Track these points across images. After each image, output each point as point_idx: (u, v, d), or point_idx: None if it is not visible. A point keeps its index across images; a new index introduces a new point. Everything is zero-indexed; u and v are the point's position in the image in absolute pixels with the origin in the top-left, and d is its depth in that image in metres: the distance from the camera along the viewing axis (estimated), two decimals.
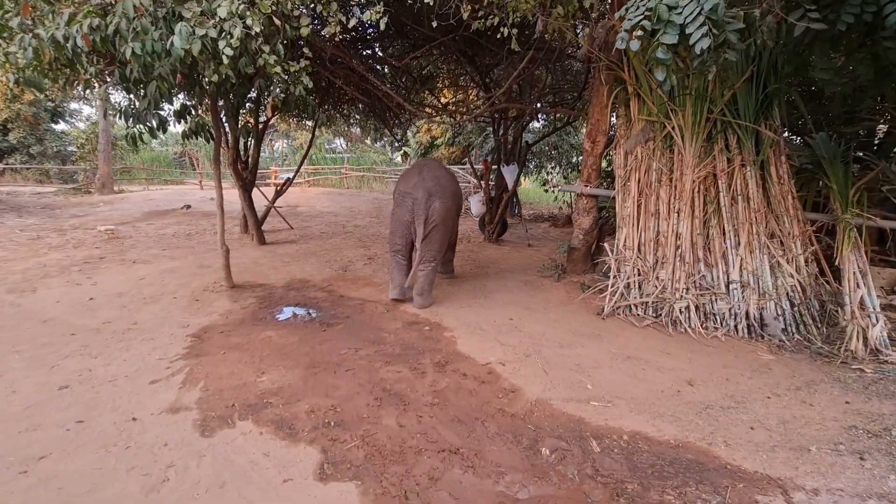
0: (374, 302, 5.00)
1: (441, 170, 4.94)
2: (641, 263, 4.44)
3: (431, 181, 4.54)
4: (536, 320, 4.36)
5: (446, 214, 4.53)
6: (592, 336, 3.97)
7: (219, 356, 3.51)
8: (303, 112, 8.47)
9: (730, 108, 4.46)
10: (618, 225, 4.72)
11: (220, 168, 5.02)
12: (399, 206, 4.63)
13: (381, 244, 8.28)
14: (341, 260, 6.98)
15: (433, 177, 4.60)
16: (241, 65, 3.59)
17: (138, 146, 4.35)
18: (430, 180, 4.53)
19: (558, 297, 5.01)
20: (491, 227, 8.79)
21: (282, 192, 9.37)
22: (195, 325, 4.15)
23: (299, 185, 19.17)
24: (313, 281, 5.81)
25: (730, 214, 4.28)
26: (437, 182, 4.57)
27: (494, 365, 3.46)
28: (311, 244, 8.24)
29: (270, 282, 5.72)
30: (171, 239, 8.39)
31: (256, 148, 8.30)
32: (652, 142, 4.65)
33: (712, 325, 4.10)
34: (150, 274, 5.80)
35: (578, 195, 5.16)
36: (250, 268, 6.35)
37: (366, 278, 5.96)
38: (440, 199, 4.46)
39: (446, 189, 4.61)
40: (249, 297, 5.04)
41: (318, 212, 12.74)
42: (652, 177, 4.58)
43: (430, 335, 4.05)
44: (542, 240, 9.49)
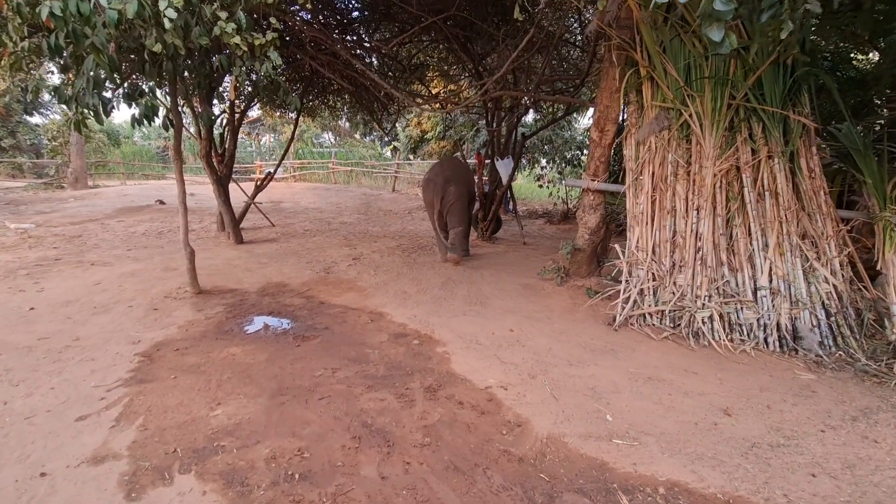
0: (357, 310, 4.45)
1: (457, 163, 6.62)
2: (656, 267, 3.94)
3: (449, 171, 6.11)
4: (540, 332, 3.84)
5: (460, 195, 5.99)
6: (605, 351, 3.46)
7: (168, 382, 2.93)
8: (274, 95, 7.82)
9: (754, 94, 3.97)
10: (629, 224, 4.21)
11: (180, 159, 4.42)
12: (426, 191, 6.24)
13: (368, 243, 7.71)
14: (324, 260, 6.40)
15: (450, 168, 6.21)
16: (193, 35, 3.00)
17: (82, 132, 3.74)
18: (448, 170, 6.11)
19: (562, 303, 4.49)
20: (484, 225, 8.26)
21: (262, 187, 8.74)
22: (147, 341, 3.56)
23: (284, 180, 18.47)
24: (291, 285, 5.24)
25: (756, 212, 3.79)
26: (453, 171, 6.13)
27: (495, 389, 2.93)
28: (292, 243, 7.64)
29: (243, 286, 5.13)
30: (139, 238, 7.74)
31: (233, 139, 7.66)
32: (667, 131, 4.13)
33: (738, 336, 3.61)
34: (107, 278, 5.17)
35: (584, 191, 4.64)
36: (222, 270, 5.75)
37: (349, 282, 5.39)
38: (454, 184, 5.97)
39: (460, 177, 6.15)
40: (217, 305, 4.46)
41: (302, 208, 12.10)
42: (667, 170, 4.07)
43: (420, 351, 3.51)
44: (537, 237, 8.98)
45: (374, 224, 10.04)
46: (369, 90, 9.50)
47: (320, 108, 10.95)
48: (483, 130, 16.54)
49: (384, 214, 11.53)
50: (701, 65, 4.13)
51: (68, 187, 14.72)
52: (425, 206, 6.19)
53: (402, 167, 17.45)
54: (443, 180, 5.95)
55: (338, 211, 11.80)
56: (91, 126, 13.30)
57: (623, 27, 4.14)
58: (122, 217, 9.87)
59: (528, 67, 7.48)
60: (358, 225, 9.84)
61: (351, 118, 20.13)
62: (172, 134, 4.32)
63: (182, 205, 4.60)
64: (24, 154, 19.91)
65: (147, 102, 3.41)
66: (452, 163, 6.50)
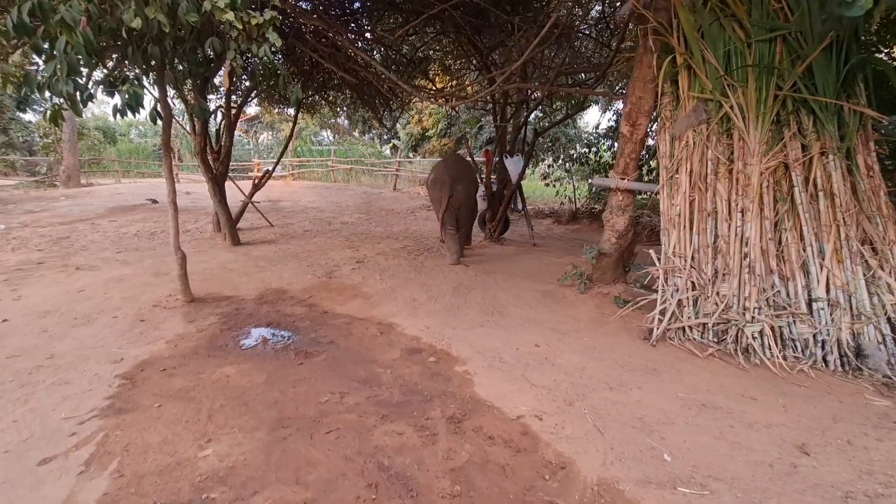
0: (364, 320, 4.05)
1: (463, 161, 6.48)
2: (697, 275, 3.55)
3: (455, 169, 6.01)
4: (570, 347, 3.44)
5: (469, 194, 6.02)
6: (647, 371, 3.07)
7: (151, 412, 2.53)
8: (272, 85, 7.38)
9: (804, 83, 3.57)
10: (663, 227, 3.82)
11: (169, 155, 4.01)
12: (433, 190, 6.11)
13: (371, 245, 7.30)
14: (326, 264, 5.99)
15: (456, 166, 6.11)
16: (180, 11, 2.59)
17: (59, 125, 3.32)
18: (454, 169, 6.00)
19: (588, 313, 4.10)
20: (493, 225, 7.86)
21: (260, 185, 8.33)
22: (131, 360, 3.15)
23: (283, 179, 18.04)
24: (291, 291, 4.83)
25: (808, 215, 3.40)
26: (460, 170, 6.05)
27: (529, 419, 2.53)
28: (291, 244, 7.23)
29: (240, 293, 4.72)
30: (130, 239, 7.31)
31: (229, 135, 7.24)
32: (706, 124, 3.74)
33: (792, 353, 3.22)
34: (92, 284, 4.76)
35: (612, 191, 4.23)
36: (218, 274, 5.34)
37: (354, 287, 4.99)
38: (462, 183, 5.91)
39: (467, 175, 6.12)
40: (210, 315, 4.05)
41: (301, 207, 11.68)
42: (707, 168, 3.68)
43: (437, 370, 3.10)
44: (546, 238, 8.59)
45: (377, 224, 9.63)
46: (371, 85, 9.11)
47: (320, 104, 10.55)
48: (486, 127, 16.15)
49: (386, 214, 11.13)
50: (743, 52, 3.73)
51: (61, 185, 14.26)
52: (432, 204, 6.13)
53: (404, 165, 17.03)
54: (450, 179, 5.84)
55: (338, 210, 11.39)
56: (83, 123, 12.87)
57: (659, 9, 3.74)
58: (114, 217, 9.43)
59: (540, 60, 7.08)
60: (359, 225, 9.44)
61: (351, 115, 19.75)
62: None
63: (172, 204, 4.19)
64: (17, 151, 19.39)
65: (128, 90, 2.99)
66: (458, 161, 6.37)
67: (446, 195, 5.81)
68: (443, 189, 5.85)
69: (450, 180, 5.84)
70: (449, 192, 5.79)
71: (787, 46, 3.66)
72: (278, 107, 9.80)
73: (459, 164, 6.23)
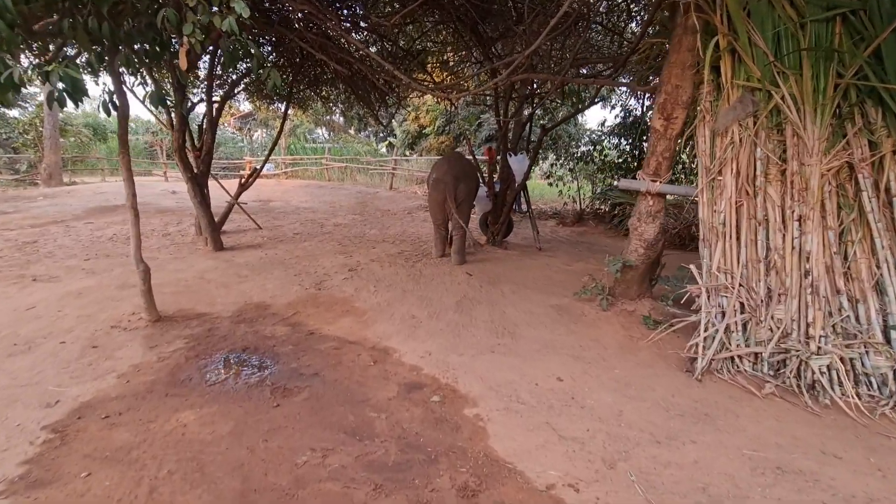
0: (355, 343, 3.47)
1: (464, 160, 6.23)
2: (746, 294, 2.99)
3: (457, 169, 5.79)
4: (599, 381, 2.88)
5: (469, 193, 5.83)
6: (698, 417, 2.51)
7: (76, 485, 1.94)
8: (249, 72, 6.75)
9: (871, 70, 3.02)
10: (702, 237, 3.26)
11: (127, 152, 3.40)
12: (434, 190, 5.82)
13: (365, 249, 6.72)
14: (315, 272, 5.41)
15: (458, 165, 5.88)
16: None
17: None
18: (456, 168, 5.79)
19: (614, 336, 3.54)
20: (495, 228, 7.30)
21: (247, 185, 7.71)
22: (69, 402, 2.57)
23: (276, 178, 17.39)
24: (275, 306, 4.25)
25: (881, 224, 2.86)
26: (462, 169, 5.84)
27: (562, 490, 1.97)
28: (279, 249, 6.63)
29: (215, 309, 4.14)
30: (103, 244, 6.68)
31: (211, 131, 6.64)
32: (753, 118, 3.19)
33: (866, 391, 2.68)
34: (46, 299, 4.15)
35: (642, 194, 3.67)
36: (192, 286, 4.74)
37: (345, 301, 4.41)
38: (464, 182, 5.73)
39: (468, 174, 5.92)
40: (176, 339, 3.46)
41: (293, 207, 11.06)
42: (755, 168, 3.13)
43: (442, 413, 2.54)
44: (551, 241, 8.04)
45: (372, 226, 9.04)
46: (367, 79, 8.51)
47: (312, 98, 9.94)
48: (485, 125, 15.57)
49: (381, 215, 10.53)
50: (795, 33, 3.18)
51: (42, 184, 13.57)
52: (429, 204, 6.00)
53: (400, 164, 16.42)
54: (452, 178, 5.66)
55: (331, 211, 10.78)
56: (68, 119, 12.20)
57: None
58: (91, 218, 8.78)
59: (548, 51, 6.51)
60: (353, 227, 8.84)
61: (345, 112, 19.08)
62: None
63: (132, 210, 3.59)
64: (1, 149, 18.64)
65: (60, 72, 2.39)
66: (459, 160, 6.13)
67: (451, 195, 5.63)
68: (447, 190, 5.66)
69: (452, 180, 5.66)
70: (453, 192, 5.62)
71: (847, 27, 3.12)
72: (266, 101, 9.18)
73: (462, 164, 6.02)
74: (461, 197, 5.72)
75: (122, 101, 3.24)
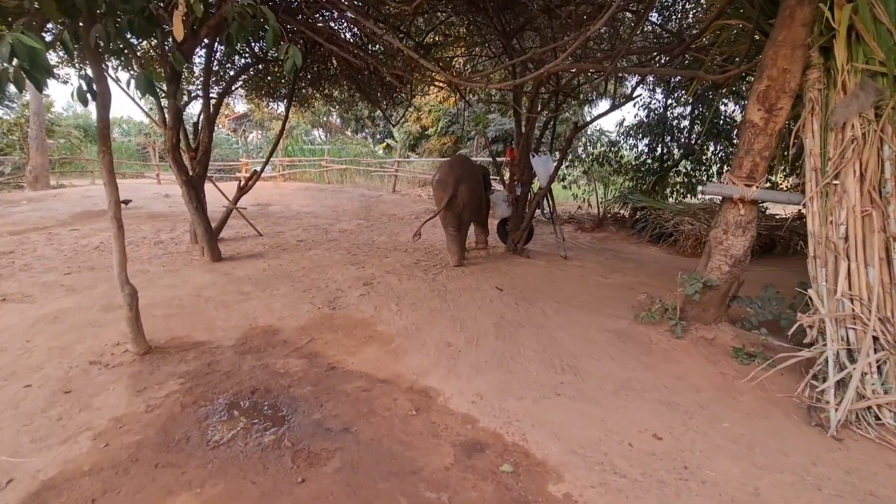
0: (387, 382, 2.85)
1: (467, 162, 6.12)
2: (882, 327, 2.40)
3: (459, 170, 5.71)
4: (710, 441, 2.26)
5: (472, 192, 5.73)
6: (862, 498, 1.91)
7: None
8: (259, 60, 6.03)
9: None
10: (812, 255, 2.67)
11: (108, 149, 2.74)
12: (437, 191, 5.75)
13: (378, 259, 6.09)
14: (327, 286, 4.78)
15: (460, 167, 5.80)
16: None
17: None
18: (458, 169, 5.72)
19: (701, 372, 2.93)
20: (517, 236, 6.69)
21: (246, 188, 7.06)
22: (25, 482, 1.91)
23: (273, 180, 16.68)
24: (285, 331, 3.62)
25: None
26: (463, 170, 5.75)
27: None
28: (283, 259, 5.98)
29: (215, 336, 3.49)
30: (88, 254, 5.99)
31: (208, 130, 5.98)
32: (875, 109, 2.60)
33: None
34: (14, 326, 3.48)
35: (731, 201, 3.07)
36: (188, 306, 4.08)
37: (366, 323, 3.79)
38: (465, 182, 5.62)
39: (470, 175, 5.79)
40: (169, 379, 2.81)
41: (294, 212, 10.39)
42: (885, 171, 2.54)
43: (522, 493, 1.91)
44: (573, 249, 7.43)
45: (380, 232, 8.39)
46: (374, 73, 7.88)
47: (314, 97, 9.29)
48: (492, 125, 14.95)
49: (388, 220, 9.89)
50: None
51: (27, 187, 12.78)
52: (436, 205, 5.93)
53: (402, 165, 15.77)
54: (454, 180, 5.61)
55: (335, 216, 10.11)
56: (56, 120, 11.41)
57: None
58: (78, 224, 8.07)
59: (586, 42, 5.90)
60: (360, 233, 8.19)
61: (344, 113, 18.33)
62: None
63: (115, 220, 2.93)
64: None
65: (11, 40, 1.75)
66: (462, 162, 6.06)
67: (450, 196, 5.59)
68: (447, 190, 5.63)
69: (454, 181, 5.59)
70: (452, 192, 5.56)
71: None
72: (267, 100, 8.52)
73: (465, 166, 5.94)
74: (463, 199, 5.63)
75: (102, 87, 2.59)
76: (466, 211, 5.74)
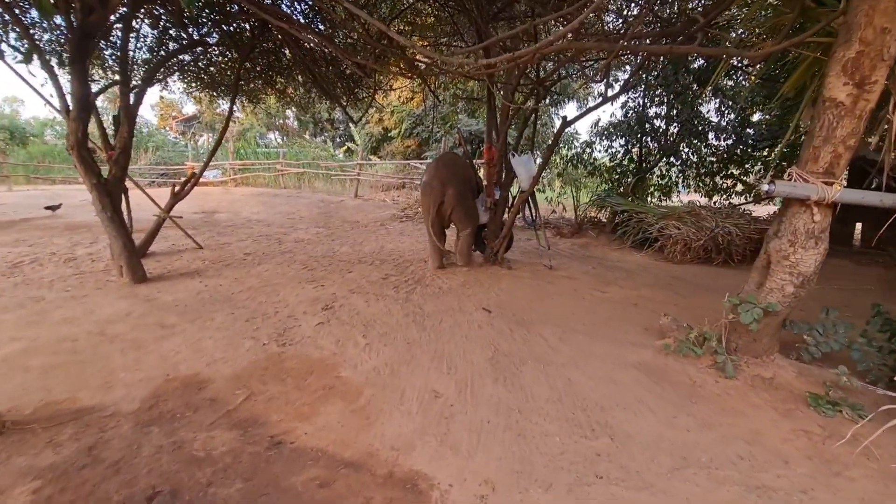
0: (356, 468, 1.96)
1: (457, 161, 5.49)
2: None
3: (444, 171, 5.12)
4: None
5: (460, 197, 5.08)
6: None
7: None
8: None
9: None
10: None
11: None
12: (423, 195, 5.19)
13: (339, 274, 5.16)
14: (276, 313, 3.83)
15: (446, 167, 5.19)
16: None
17: None
18: (443, 171, 5.13)
19: (777, 430, 2.20)
20: (496, 244, 5.91)
21: (182, 194, 5.96)
22: None
23: (223, 185, 15.28)
24: (214, 383, 2.66)
25: None
26: (449, 172, 5.13)
27: None
28: (225, 278, 4.94)
29: (111, 396, 2.49)
30: None
31: (128, 122, 4.87)
32: None
33: None
34: None
35: (802, 204, 2.36)
36: (84, 349, 3.03)
37: (325, 366, 2.88)
38: (452, 186, 5.02)
39: (458, 176, 5.16)
40: (19, 483, 1.82)
41: (243, 220, 9.23)
42: None
43: None
44: (553, 257, 6.74)
45: (341, 241, 7.42)
46: (335, 64, 6.95)
47: (264, 92, 8.22)
48: (459, 126, 14.21)
49: (351, 227, 8.91)
50: None
51: None
52: (423, 210, 5.40)
53: (365, 169, 14.76)
54: (439, 183, 5.04)
55: (290, 224, 9.03)
56: None
57: None
58: None
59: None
60: (319, 244, 7.19)
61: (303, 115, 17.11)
62: None
63: None
64: None
65: None
66: (450, 161, 5.44)
67: (437, 202, 5.03)
68: (433, 195, 5.05)
69: (439, 184, 5.02)
70: (440, 198, 5.01)
71: None
72: (209, 93, 7.38)
73: (451, 165, 5.31)
74: (451, 202, 5.04)
75: None
76: (456, 214, 5.17)
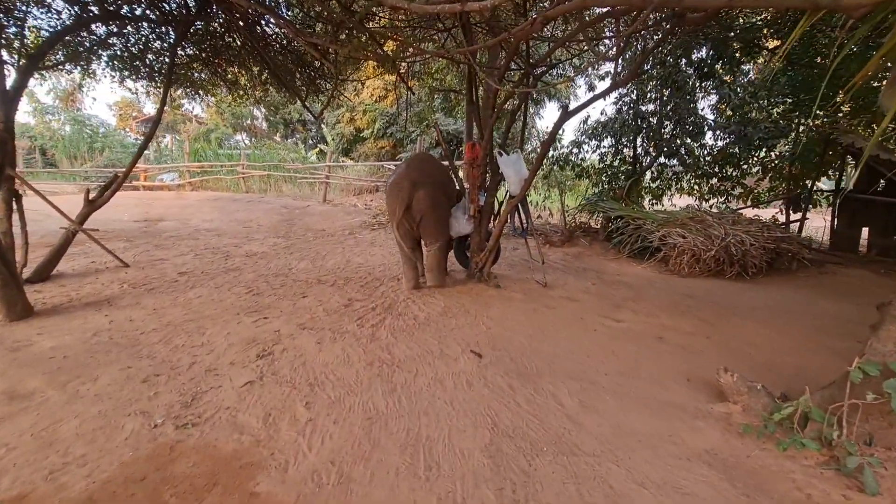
0: None
1: (431, 161, 4.87)
2: None
3: (416, 171, 4.46)
4: None
5: (433, 201, 4.41)
6: None
7: None
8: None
9: None
10: None
11: None
12: (389, 197, 4.53)
13: (291, 300, 4.10)
14: (190, 366, 2.75)
15: (419, 167, 4.53)
16: None
17: None
18: (415, 170, 4.46)
19: None
20: (481, 258, 4.95)
21: (97, 202, 4.79)
22: None
23: (179, 189, 13.86)
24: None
25: None
26: (422, 171, 4.47)
27: None
28: (140, 308, 3.81)
29: None
30: None
31: (4, 108, 3.70)
32: None
33: None
34: None
35: None
36: None
37: (239, 467, 1.82)
38: (424, 188, 4.37)
39: (432, 177, 4.51)
40: None
41: (191, 229, 7.98)
42: None
43: None
44: (548, 270, 5.82)
45: (301, 255, 6.31)
46: (294, 51, 5.90)
47: (215, 81, 7.04)
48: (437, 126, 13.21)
49: (314, 237, 7.79)
50: None
51: None
52: (388, 215, 4.74)
53: (335, 171, 13.60)
54: (409, 183, 4.36)
55: (245, 233, 7.84)
56: None
57: None
58: None
59: None
60: (274, 258, 6.07)
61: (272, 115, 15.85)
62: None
63: None
64: None
65: None
66: (424, 161, 4.76)
67: (403, 204, 4.33)
68: (400, 196, 4.35)
69: (409, 185, 4.34)
70: (407, 201, 4.32)
71: None
72: (133, 77, 6.15)
73: (425, 165, 4.63)
74: (422, 207, 4.34)
75: None
76: (427, 221, 4.42)
